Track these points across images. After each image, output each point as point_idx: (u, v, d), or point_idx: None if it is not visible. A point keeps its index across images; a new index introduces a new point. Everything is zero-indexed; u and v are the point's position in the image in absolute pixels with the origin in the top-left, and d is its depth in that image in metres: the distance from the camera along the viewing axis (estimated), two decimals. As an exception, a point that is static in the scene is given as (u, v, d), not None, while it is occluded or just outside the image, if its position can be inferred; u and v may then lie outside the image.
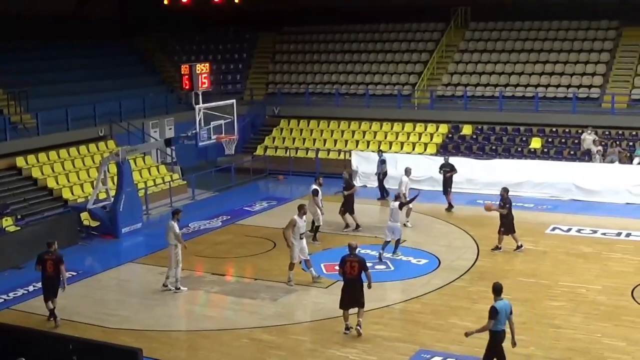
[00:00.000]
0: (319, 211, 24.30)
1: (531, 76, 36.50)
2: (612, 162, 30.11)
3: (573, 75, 35.73)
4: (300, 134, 37.75)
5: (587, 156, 31.12)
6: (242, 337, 17.21)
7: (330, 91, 39.37)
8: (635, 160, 30.18)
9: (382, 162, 30.36)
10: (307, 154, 35.93)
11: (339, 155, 35.11)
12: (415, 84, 38.24)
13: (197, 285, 20.84)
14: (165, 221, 22.64)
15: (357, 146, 35.61)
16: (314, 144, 36.64)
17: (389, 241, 22.32)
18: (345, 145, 35.90)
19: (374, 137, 36.17)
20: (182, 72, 26.90)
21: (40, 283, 18.81)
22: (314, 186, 24.64)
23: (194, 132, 26.30)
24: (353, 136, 36.67)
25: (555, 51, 37.21)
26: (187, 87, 26.80)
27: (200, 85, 26.53)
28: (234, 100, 28.22)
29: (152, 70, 41.57)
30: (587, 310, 18.06)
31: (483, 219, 26.22)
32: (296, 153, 36.15)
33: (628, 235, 24.09)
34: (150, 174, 31.52)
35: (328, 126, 37.68)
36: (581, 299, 18.82)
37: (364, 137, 36.46)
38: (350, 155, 33.42)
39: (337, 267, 17.65)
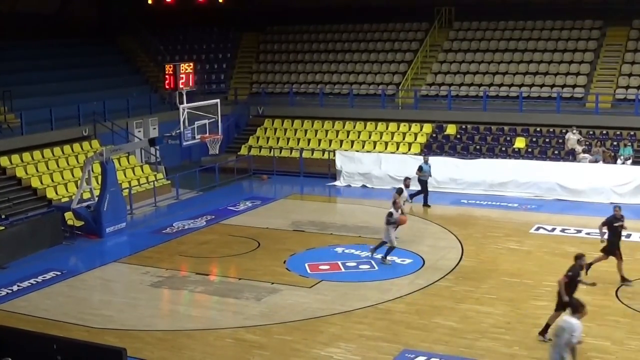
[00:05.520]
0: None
1: (515, 76, 36.63)
2: (596, 161, 30.25)
3: (557, 75, 35.88)
4: (285, 134, 37.69)
5: (571, 156, 31.26)
6: (226, 337, 17.15)
7: (315, 91, 39.33)
8: (619, 160, 30.34)
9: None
10: (291, 153, 35.91)
11: (323, 155, 35.06)
12: (400, 84, 38.28)
13: (181, 285, 20.78)
14: (148, 220, 22.45)
15: (341, 146, 35.58)
16: (298, 144, 36.60)
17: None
18: (330, 145, 35.87)
19: (358, 137, 36.17)
20: (166, 72, 26.76)
21: (24, 283, 18.75)
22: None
23: (178, 131, 26.22)
24: (337, 136, 36.65)
25: (540, 51, 37.36)
26: (170, 87, 26.68)
27: (184, 85, 26.44)
28: (218, 100, 28.15)
29: (135, 70, 41.42)
30: (571, 310, 18.11)
31: (468, 219, 26.36)
32: (280, 153, 36.12)
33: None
34: (134, 174, 31.39)
35: (312, 126, 37.63)
36: (565, 299, 18.86)
37: (348, 136, 36.45)
38: (334, 155, 33.37)
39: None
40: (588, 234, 24.35)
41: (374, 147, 35.09)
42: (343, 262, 21.99)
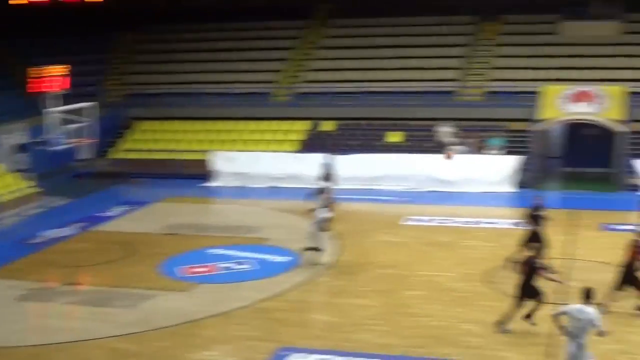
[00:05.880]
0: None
1: (390, 71, 37.03)
2: (467, 152, 30.95)
3: (431, 70, 36.47)
4: (161, 136, 36.98)
5: (443, 148, 31.83)
6: (99, 347, 16.58)
7: (192, 91, 38.76)
8: (490, 151, 31.13)
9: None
10: (167, 155, 35.19)
11: (199, 155, 34.42)
12: (277, 82, 38.17)
13: (51, 297, 19.97)
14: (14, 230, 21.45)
15: (218, 146, 35.14)
16: (174, 145, 35.93)
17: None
18: (207, 146, 35.32)
19: (236, 137, 35.83)
20: (32, 75, 25.97)
21: None
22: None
23: (46, 137, 25.42)
24: (215, 136, 36.19)
25: (414, 46, 37.95)
26: (34, 90, 25.86)
27: (49, 88, 25.64)
28: (93, 103, 27.43)
29: (4, 74, 39.84)
30: (444, 298, 18.43)
31: (344, 214, 26.40)
32: (156, 155, 35.33)
33: (483, 222, 24.81)
34: (2, 182, 30.13)
35: (189, 127, 37.06)
36: (438, 287, 19.20)
37: (226, 136, 36.06)
38: (211, 156, 32.98)
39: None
40: (460, 223, 25.01)
41: (252, 146, 34.81)
42: (219, 263, 21.71)
